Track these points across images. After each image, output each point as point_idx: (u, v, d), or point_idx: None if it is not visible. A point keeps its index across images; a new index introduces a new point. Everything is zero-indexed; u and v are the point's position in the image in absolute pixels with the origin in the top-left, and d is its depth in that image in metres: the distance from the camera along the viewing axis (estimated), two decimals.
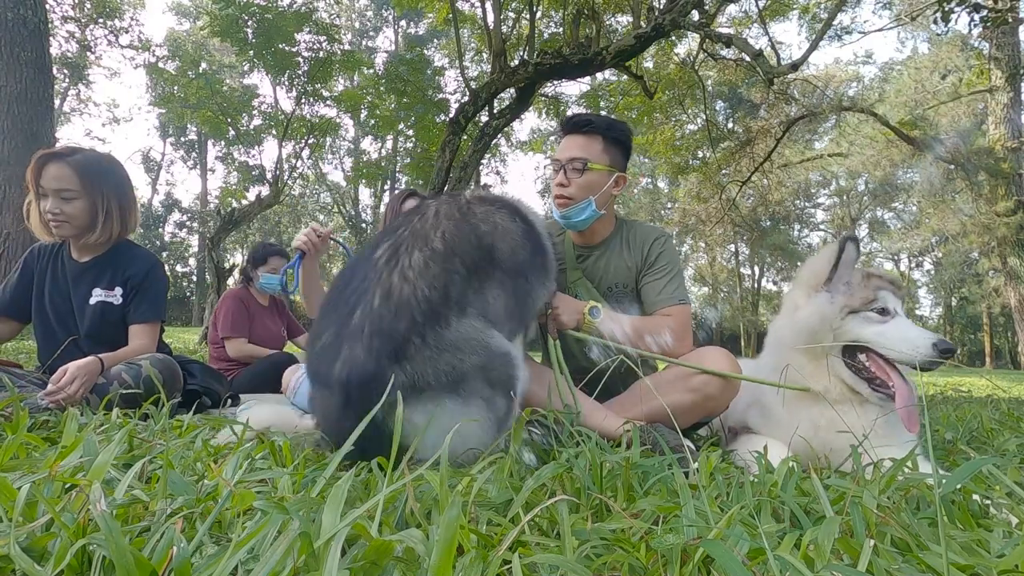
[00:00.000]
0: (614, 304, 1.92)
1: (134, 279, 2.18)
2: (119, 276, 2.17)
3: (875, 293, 1.49)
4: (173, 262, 31.52)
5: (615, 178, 1.89)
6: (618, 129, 1.91)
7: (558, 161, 1.90)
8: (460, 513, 0.59)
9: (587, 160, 1.84)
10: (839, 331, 1.50)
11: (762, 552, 0.67)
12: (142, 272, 2.19)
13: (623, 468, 1.01)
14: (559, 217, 1.92)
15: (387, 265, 1.30)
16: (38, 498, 0.73)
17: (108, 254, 2.18)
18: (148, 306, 2.19)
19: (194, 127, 23.97)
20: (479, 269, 1.37)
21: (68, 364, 1.85)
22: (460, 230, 1.40)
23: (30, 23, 5.63)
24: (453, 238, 1.37)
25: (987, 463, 0.91)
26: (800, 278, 1.65)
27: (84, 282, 2.15)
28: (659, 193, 31.24)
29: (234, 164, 14.27)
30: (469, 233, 1.40)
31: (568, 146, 1.88)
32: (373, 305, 1.25)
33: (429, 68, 11.61)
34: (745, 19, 13.06)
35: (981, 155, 12.53)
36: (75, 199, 2.03)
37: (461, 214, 1.45)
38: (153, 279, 2.21)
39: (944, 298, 30.41)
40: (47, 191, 2.01)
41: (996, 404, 3.12)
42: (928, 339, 1.40)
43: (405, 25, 26.95)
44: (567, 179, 1.86)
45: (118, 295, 2.16)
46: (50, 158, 2.03)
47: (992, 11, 7.13)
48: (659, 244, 1.94)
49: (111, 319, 2.15)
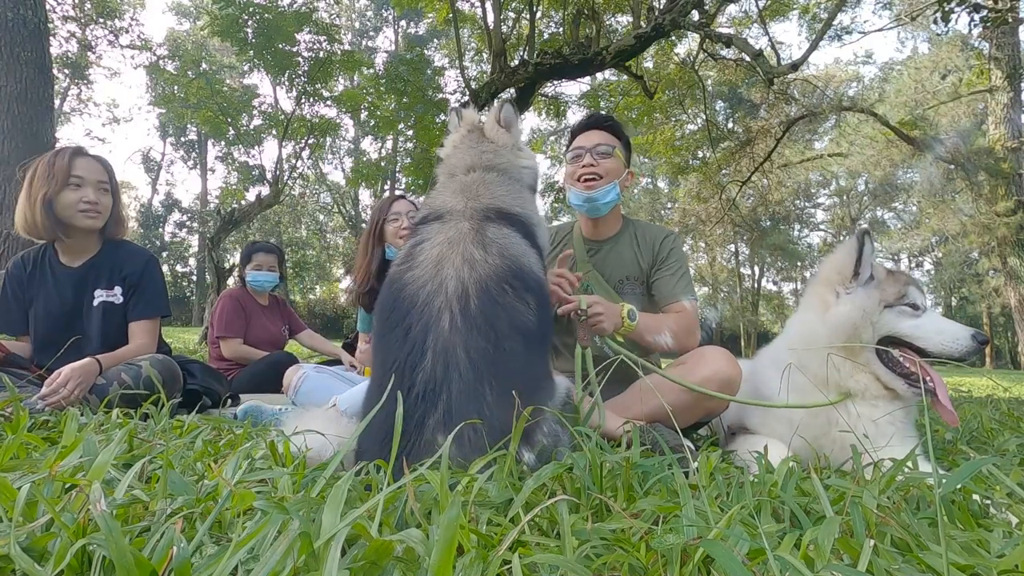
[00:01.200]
0: (626, 296, 2.05)
1: (131, 277, 2.19)
2: (116, 275, 2.18)
3: (904, 288, 1.48)
4: (173, 262, 31.53)
5: (628, 172, 2.07)
6: (627, 133, 2.14)
7: (582, 148, 2.04)
8: (460, 513, 0.59)
9: (613, 146, 2.02)
10: (877, 326, 1.48)
11: (762, 552, 0.67)
12: (138, 270, 2.20)
13: (623, 468, 1.01)
14: (583, 200, 2.02)
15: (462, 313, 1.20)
16: (38, 498, 0.73)
17: (102, 254, 2.19)
18: (146, 303, 2.20)
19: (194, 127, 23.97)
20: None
21: (64, 366, 1.85)
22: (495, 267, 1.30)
23: (30, 23, 5.63)
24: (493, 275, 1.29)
25: (987, 463, 0.91)
26: (822, 275, 1.61)
27: (86, 285, 2.15)
28: (659, 193, 31.24)
29: (234, 164, 14.25)
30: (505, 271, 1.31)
31: (592, 136, 2.05)
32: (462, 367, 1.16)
33: (429, 68, 11.60)
34: (745, 19, 13.06)
35: (981, 155, 12.53)
36: (107, 192, 2.13)
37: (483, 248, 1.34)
38: (150, 275, 2.23)
39: (944, 298, 30.40)
40: (86, 181, 2.06)
41: (996, 404, 3.12)
42: (967, 332, 1.40)
43: (405, 25, 26.97)
44: (595, 160, 2.01)
45: (118, 294, 2.17)
46: (80, 152, 2.10)
47: (992, 11, 7.13)
48: (670, 241, 2.08)
49: (115, 319, 2.16)
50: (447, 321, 1.17)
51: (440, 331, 1.16)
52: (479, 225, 1.34)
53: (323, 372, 2.54)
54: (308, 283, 31.97)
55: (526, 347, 1.23)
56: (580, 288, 2.06)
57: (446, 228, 1.34)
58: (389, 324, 1.24)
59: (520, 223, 1.44)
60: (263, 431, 1.42)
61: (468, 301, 1.19)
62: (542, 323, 1.30)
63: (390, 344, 1.21)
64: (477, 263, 1.25)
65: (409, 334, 1.18)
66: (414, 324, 1.19)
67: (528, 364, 1.24)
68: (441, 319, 1.17)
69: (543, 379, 1.30)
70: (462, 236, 1.31)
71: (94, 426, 1.34)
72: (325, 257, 32.00)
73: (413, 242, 1.36)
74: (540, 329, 1.29)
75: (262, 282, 3.63)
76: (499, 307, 1.21)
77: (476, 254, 1.27)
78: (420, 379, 1.13)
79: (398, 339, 1.19)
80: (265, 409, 2.10)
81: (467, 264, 1.25)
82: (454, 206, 1.41)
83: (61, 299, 2.14)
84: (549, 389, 1.28)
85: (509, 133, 1.67)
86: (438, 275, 1.24)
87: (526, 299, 1.26)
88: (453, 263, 1.25)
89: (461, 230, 1.32)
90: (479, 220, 1.36)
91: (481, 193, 1.46)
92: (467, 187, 1.48)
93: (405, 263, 1.31)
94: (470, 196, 1.44)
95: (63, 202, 2.03)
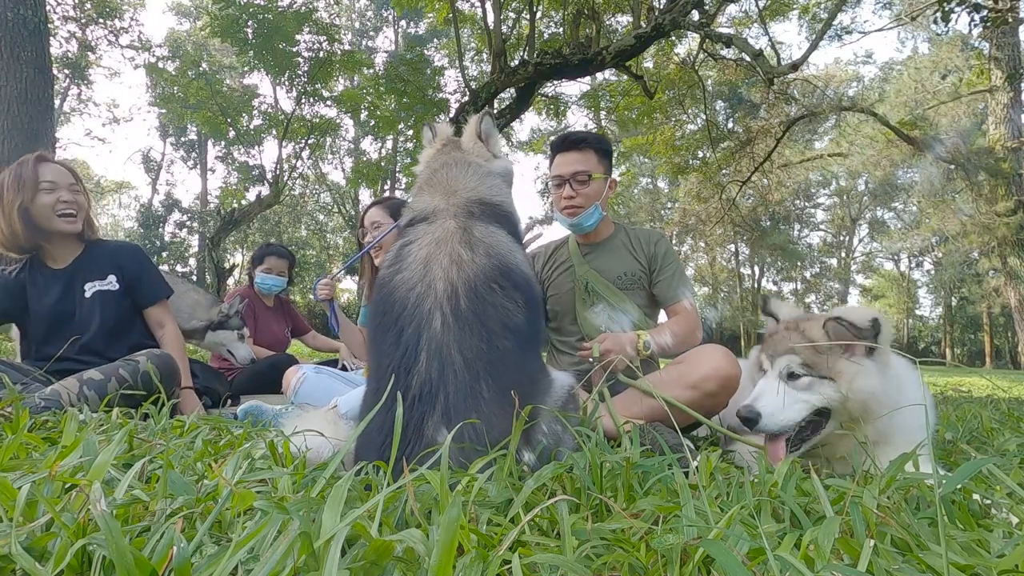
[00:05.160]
0: (626, 291, 2.14)
1: (128, 267, 2.21)
2: (108, 266, 2.18)
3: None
4: (173, 262, 31.51)
5: (608, 183, 2.15)
6: (604, 141, 2.21)
7: (560, 177, 2.11)
8: (460, 513, 0.59)
9: (589, 172, 2.08)
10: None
11: (762, 552, 0.67)
12: (132, 258, 2.24)
13: (623, 468, 1.01)
14: (569, 225, 2.14)
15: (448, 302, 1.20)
16: (38, 498, 0.73)
17: (87, 253, 2.19)
18: (155, 286, 2.28)
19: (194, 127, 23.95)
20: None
21: (185, 406, 2.07)
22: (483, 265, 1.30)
23: (30, 23, 5.63)
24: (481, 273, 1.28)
25: (987, 463, 0.91)
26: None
27: (75, 282, 2.15)
28: (659, 193, 31.22)
29: (234, 164, 14.25)
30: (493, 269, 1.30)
31: (566, 162, 2.11)
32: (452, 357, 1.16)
33: (429, 68, 11.59)
34: (745, 19, 13.06)
35: (981, 155, 12.52)
36: (79, 192, 2.13)
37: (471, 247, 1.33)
38: (145, 261, 2.29)
39: (944, 298, 30.39)
40: (57, 185, 2.06)
41: (996, 404, 3.12)
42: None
43: (405, 25, 26.94)
44: (574, 191, 2.08)
45: (113, 281, 2.18)
46: (43, 158, 2.10)
47: (992, 11, 7.13)
48: (664, 243, 2.19)
49: (112, 306, 2.16)
50: (439, 322, 1.17)
51: (433, 332, 1.16)
52: (465, 223, 1.34)
53: (322, 373, 2.54)
54: (308, 283, 31.96)
55: (518, 345, 1.23)
56: (580, 285, 2.13)
57: (432, 228, 1.34)
58: (382, 327, 1.24)
59: (505, 218, 1.44)
60: (263, 431, 1.42)
61: (458, 301, 1.19)
62: (532, 321, 1.30)
63: (384, 347, 1.21)
64: (464, 263, 1.25)
65: (402, 337, 1.18)
66: (406, 327, 1.18)
67: (523, 361, 1.24)
68: (433, 320, 1.17)
69: (539, 376, 1.30)
70: (448, 236, 1.30)
71: (94, 426, 1.34)
72: (325, 257, 31.97)
73: (400, 243, 1.36)
74: (530, 327, 1.29)
75: (270, 286, 3.63)
76: (489, 306, 1.21)
77: (463, 254, 1.27)
78: (416, 382, 1.12)
79: (391, 342, 1.19)
80: (265, 409, 2.10)
81: (455, 264, 1.24)
82: (436, 205, 1.41)
83: (51, 298, 2.14)
84: (545, 384, 1.28)
85: (487, 145, 1.68)
86: (426, 276, 1.23)
87: (514, 298, 1.26)
88: (440, 263, 1.25)
89: (447, 229, 1.32)
90: (464, 218, 1.36)
91: (458, 188, 1.45)
92: (444, 184, 1.47)
93: (394, 265, 1.31)
94: (449, 192, 1.44)
95: (39, 206, 2.03)
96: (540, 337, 1.44)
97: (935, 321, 34.24)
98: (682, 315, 2.06)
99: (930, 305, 35.31)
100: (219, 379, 2.57)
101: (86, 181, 2.90)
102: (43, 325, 2.13)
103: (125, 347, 2.13)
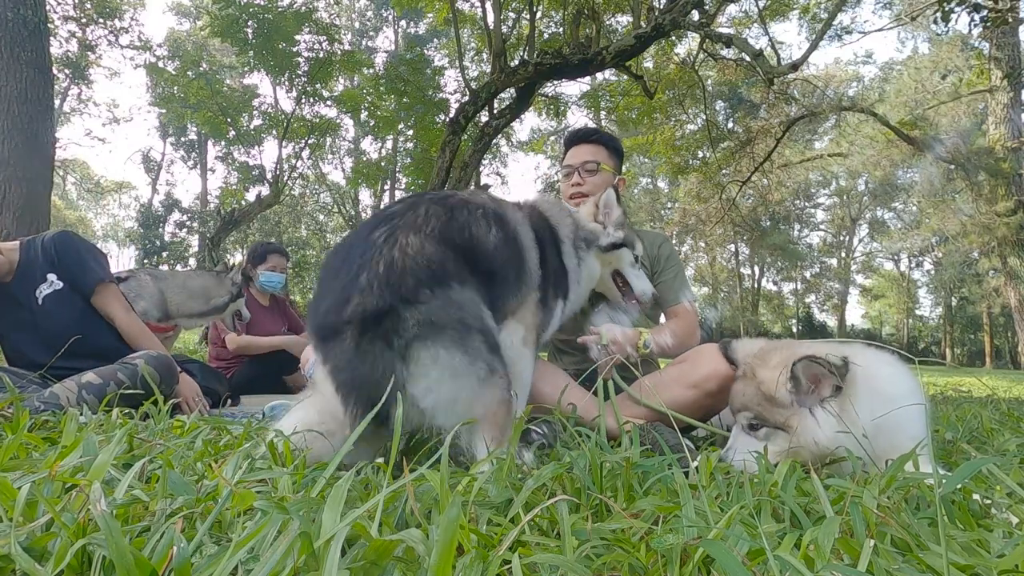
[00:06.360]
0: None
1: (61, 261, 2.14)
2: (45, 265, 2.13)
3: None
4: (173, 262, 31.51)
5: (617, 180, 2.14)
6: (616, 140, 2.24)
7: (571, 166, 2.16)
8: (460, 513, 0.59)
9: (599, 162, 2.13)
10: None
11: (762, 552, 0.67)
12: (63, 249, 2.15)
13: (623, 468, 1.01)
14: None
15: (386, 243, 1.26)
16: (38, 498, 0.73)
17: (24, 257, 2.14)
18: (88, 271, 2.15)
19: (194, 127, 23.94)
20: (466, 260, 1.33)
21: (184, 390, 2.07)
22: (449, 227, 1.34)
23: (30, 23, 5.63)
24: (444, 230, 1.33)
25: (987, 463, 0.91)
26: None
27: (27, 291, 2.11)
28: (659, 193, 31.23)
29: (234, 164, 14.23)
30: (457, 230, 1.35)
31: (578, 153, 2.16)
32: (378, 271, 1.21)
33: (429, 68, 11.59)
34: (745, 19, 13.06)
35: (981, 155, 12.53)
36: None
37: (448, 214, 1.38)
38: (72, 247, 2.17)
39: (944, 298, 30.38)
40: None
41: (996, 404, 3.12)
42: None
43: (405, 25, 26.93)
44: (582, 179, 2.12)
45: (54, 280, 2.12)
46: None
47: (992, 11, 7.13)
48: (667, 246, 2.21)
49: (67, 306, 2.11)
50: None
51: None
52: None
53: None
54: (308, 283, 31.95)
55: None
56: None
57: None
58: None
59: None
60: (263, 431, 1.42)
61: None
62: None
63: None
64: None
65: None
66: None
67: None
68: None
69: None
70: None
71: (94, 426, 1.34)
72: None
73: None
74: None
75: (275, 283, 3.63)
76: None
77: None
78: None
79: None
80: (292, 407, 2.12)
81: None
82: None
83: (12, 316, 2.11)
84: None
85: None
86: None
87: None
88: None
89: None
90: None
91: None
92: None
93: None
94: None
95: None
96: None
97: (935, 321, 34.23)
98: (682, 317, 2.07)
99: (930, 305, 35.33)
100: (219, 379, 2.58)
101: (86, 181, 2.85)
102: (17, 339, 2.12)
103: (102, 342, 2.10)
